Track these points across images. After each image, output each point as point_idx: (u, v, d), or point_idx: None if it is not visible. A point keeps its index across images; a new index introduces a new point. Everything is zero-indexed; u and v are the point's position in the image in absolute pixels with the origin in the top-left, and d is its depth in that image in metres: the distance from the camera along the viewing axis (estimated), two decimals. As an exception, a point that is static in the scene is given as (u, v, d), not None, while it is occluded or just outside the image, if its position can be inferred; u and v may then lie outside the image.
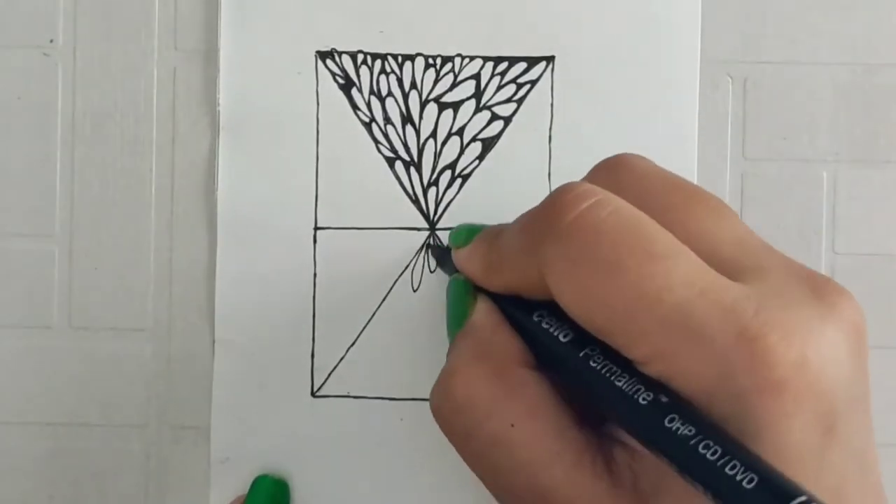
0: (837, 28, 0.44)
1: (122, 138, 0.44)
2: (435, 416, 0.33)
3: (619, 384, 0.27)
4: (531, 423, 0.29)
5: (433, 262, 0.43)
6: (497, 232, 0.34)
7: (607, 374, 0.28)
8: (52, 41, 0.44)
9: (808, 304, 0.26)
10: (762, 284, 0.27)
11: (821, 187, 0.44)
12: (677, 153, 0.43)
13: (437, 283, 0.44)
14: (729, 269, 0.27)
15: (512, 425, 0.29)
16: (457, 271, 0.37)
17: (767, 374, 0.25)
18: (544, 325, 0.30)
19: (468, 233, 0.36)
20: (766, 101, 0.44)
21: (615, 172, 0.32)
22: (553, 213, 0.29)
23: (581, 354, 0.29)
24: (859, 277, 0.44)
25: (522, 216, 0.32)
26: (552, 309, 0.30)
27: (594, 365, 0.28)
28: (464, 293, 0.34)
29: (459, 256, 0.35)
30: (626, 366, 0.27)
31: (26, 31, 0.44)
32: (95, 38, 0.44)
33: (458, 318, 0.34)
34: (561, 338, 0.30)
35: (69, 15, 0.44)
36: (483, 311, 0.33)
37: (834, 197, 0.44)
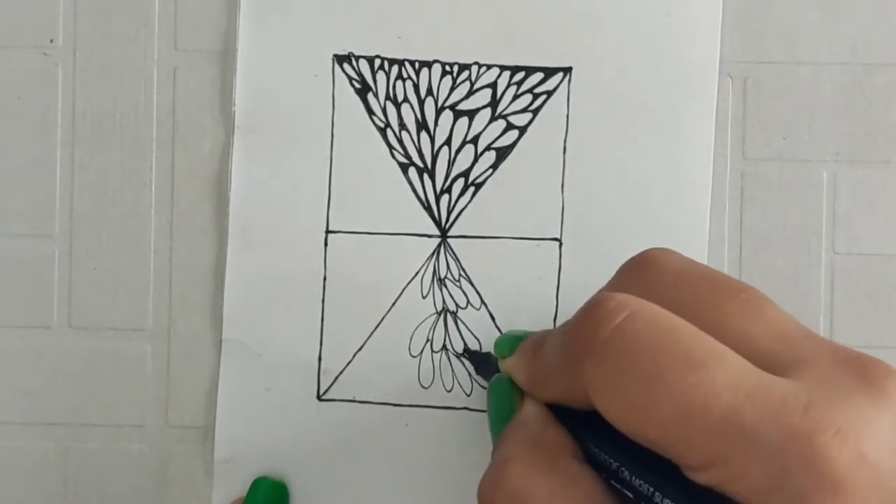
0: (837, 28, 0.44)
1: (122, 138, 0.44)
2: None
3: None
4: None
5: (470, 367, 0.43)
6: (539, 342, 0.33)
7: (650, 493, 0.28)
8: (52, 41, 0.44)
9: (857, 392, 0.26)
10: (808, 377, 0.26)
11: (821, 187, 0.44)
12: (692, 167, 0.43)
13: (444, 290, 0.44)
14: (772, 364, 0.27)
15: None
16: (495, 373, 0.37)
17: (826, 474, 0.24)
18: (593, 449, 0.30)
19: (512, 342, 0.35)
20: (766, 101, 0.44)
21: (645, 273, 0.32)
22: (589, 329, 0.28)
23: (628, 477, 0.29)
24: (859, 277, 0.44)
25: (561, 330, 0.31)
26: (593, 421, 0.30)
27: (642, 489, 0.28)
28: (510, 391, 0.34)
29: (506, 366, 0.35)
30: (676, 478, 0.27)
31: (26, 31, 0.44)
32: (95, 38, 0.44)
33: (503, 415, 0.34)
34: (609, 459, 0.29)
35: (69, 15, 0.44)
36: (532, 406, 0.32)
37: (834, 197, 0.44)
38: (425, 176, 0.44)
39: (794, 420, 0.24)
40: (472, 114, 0.44)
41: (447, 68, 0.44)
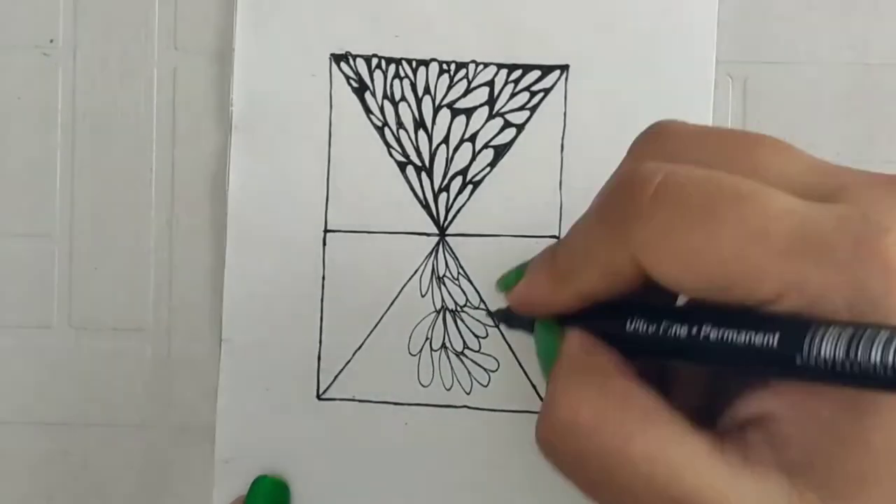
0: (837, 28, 0.44)
1: (122, 138, 0.44)
2: (543, 449, 0.30)
3: (754, 339, 0.26)
4: (650, 430, 0.28)
5: (503, 326, 0.42)
6: (553, 248, 0.33)
7: (731, 338, 0.27)
8: (52, 41, 0.44)
9: None
10: (854, 198, 0.26)
11: (821, 187, 0.44)
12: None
13: (443, 288, 0.44)
14: (815, 196, 0.26)
15: (628, 439, 0.28)
16: (530, 325, 0.35)
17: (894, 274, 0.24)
18: (640, 330, 0.29)
19: (516, 271, 0.34)
20: (766, 101, 0.44)
21: (661, 142, 0.31)
22: (629, 195, 0.28)
23: (695, 333, 0.28)
24: (859, 277, 0.44)
25: (588, 214, 0.31)
26: (639, 309, 0.29)
27: (713, 335, 0.27)
28: (549, 332, 0.33)
29: (520, 290, 0.34)
30: (743, 320, 0.27)
31: (26, 31, 0.44)
32: (95, 38, 0.44)
33: (549, 356, 0.32)
34: (669, 331, 0.29)
35: (69, 15, 0.44)
36: (574, 338, 0.31)
37: (834, 197, 0.44)
38: (423, 174, 0.44)
39: (856, 229, 0.24)
40: (469, 112, 0.44)
41: (444, 67, 0.44)
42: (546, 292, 0.32)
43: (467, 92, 0.44)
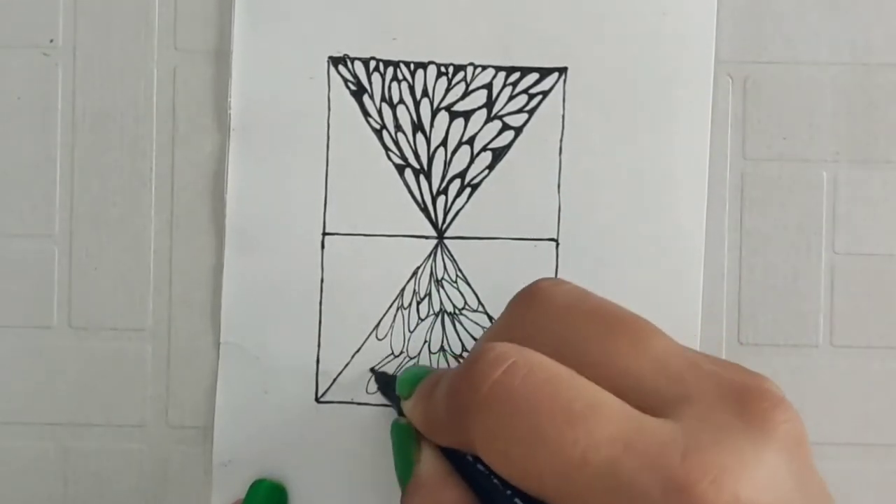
0: (837, 28, 0.44)
1: (122, 138, 0.44)
2: None
3: None
4: None
5: (374, 387, 0.43)
6: (433, 384, 0.33)
7: None
8: (52, 41, 0.44)
9: (738, 429, 0.25)
10: (689, 416, 0.26)
11: (821, 187, 0.44)
12: (689, 166, 0.43)
13: (442, 291, 0.44)
14: (655, 402, 0.27)
15: None
16: (397, 408, 0.37)
17: None
18: (492, 478, 0.29)
19: (412, 381, 0.35)
20: (766, 101, 0.44)
21: (532, 307, 0.31)
22: (470, 383, 0.28)
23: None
24: (859, 277, 0.44)
25: (448, 376, 0.31)
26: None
27: None
28: (407, 440, 0.34)
29: (405, 408, 0.35)
30: None
31: (26, 31, 0.44)
32: (95, 38, 0.44)
33: (404, 466, 0.34)
34: (505, 489, 0.29)
35: (69, 15, 0.44)
36: (429, 463, 0.32)
37: (834, 197, 0.44)
38: (421, 177, 0.44)
39: (672, 469, 0.24)
40: (467, 115, 0.44)
41: (442, 69, 0.44)
42: (421, 429, 0.33)
43: (465, 94, 0.44)
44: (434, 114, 0.44)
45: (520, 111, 0.44)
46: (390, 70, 0.44)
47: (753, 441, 0.25)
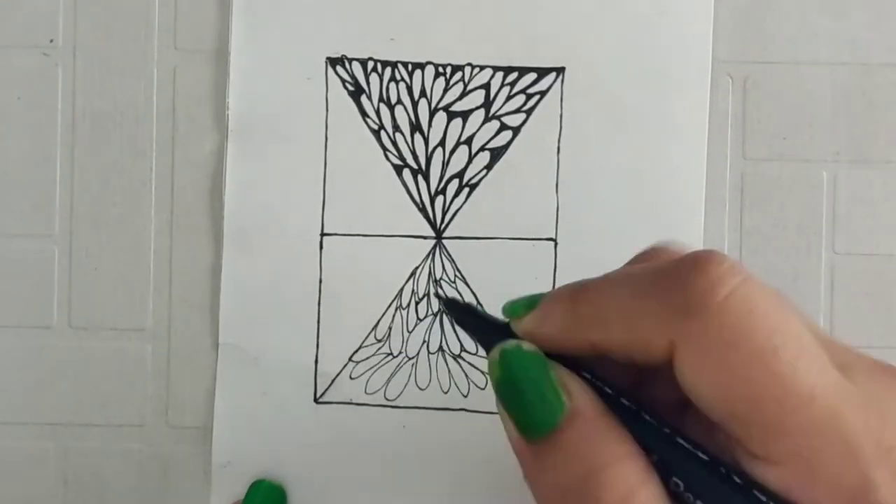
0: (837, 28, 0.44)
1: (122, 138, 0.44)
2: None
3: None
4: None
5: (448, 320, 0.43)
6: (573, 288, 0.29)
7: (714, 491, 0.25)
8: (52, 41, 0.44)
9: None
10: (869, 386, 0.25)
11: (821, 187, 0.44)
12: (687, 165, 0.43)
13: (440, 291, 0.44)
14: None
15: None
16: (486, 336, 0.31)
17: None
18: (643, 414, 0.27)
19: (529, 301, 0.30)
20: (766, 101, 0.44)
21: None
22: (700, 285, 0.26)
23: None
24: (859, 277, 0.44)
25: (643, 273, 0.28)
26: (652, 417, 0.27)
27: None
28: (543, 369, 0.28)
29: (532, 320, 0.30)
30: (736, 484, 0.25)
31: (26, 31, 0.44)
32: (95, 38, 0.44)
33: (544, 401, 0.28)
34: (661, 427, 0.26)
35: (69, 15, 0.44)
36: (586, 399, 0.27)
37: (834, 197, 0.44)
38: (420, 177, 0.44)
39: (879, 431, 0.24)
40: (465, 115, 0.44)
41: (440, 70, 0.44)
42: (559, 330, 0.29)
43: (463, 95, 0.44)
44: (432, 114, 0.44)
45: (518, 111, 0.44)
46: (388, 70, 0.44)
47: None
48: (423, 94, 0.44)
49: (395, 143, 0.44)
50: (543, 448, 0.27)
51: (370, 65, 0.44)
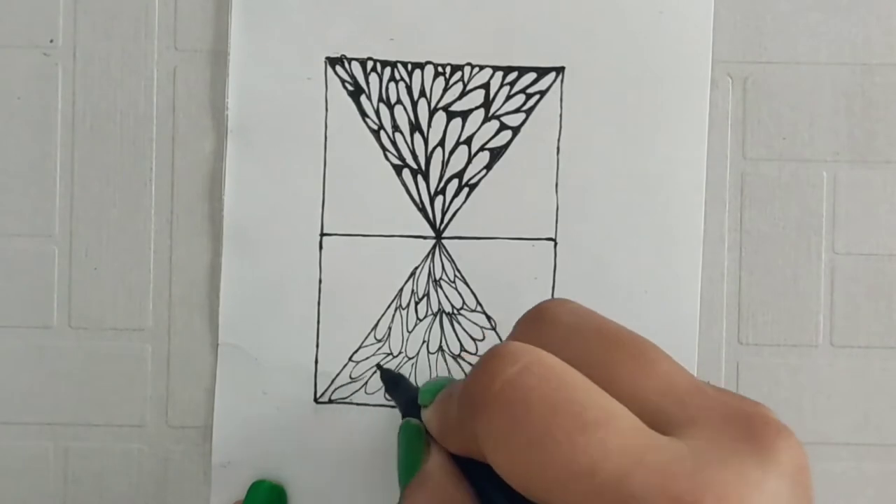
0: (837, 28, 0.44)
1: (122, 138, 0.44)
2: None
3: None
4: None
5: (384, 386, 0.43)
6: (450, 393, 0.32)
7: None
8: (52, 41, 0.44)
9: (744, 452, 0.25)
10: (697, 437, 0.26)
11: (821, 187, 0.44)
12: (687, 165, 0.43)
13: (440, 291, 0.44)
14: (661, 422, 0.26)
15: None
16: (403, 410, 0.36)
17: None
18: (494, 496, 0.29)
19: (434, 390, 0.34)
20: (766, 101, 0.44)
21: (538, 327, 0.31)
22: (482, 381, 0.27)
23: None
24: (859, 277, 0.44)
25: (462, 381, 0.30)
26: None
27: None
28: (417, 439, 0.33)
29: (424, 416, 0.34)
30: None
31: (26, 31, 0.44)
32: (95, 38, 0.44)
33: (410, 466, 0.33)
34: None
35: (69, 15, 0.44)
36: (437, 461, 0.32)
37: (834, 197, 0.44)
38: (419, 177, 0.44)
39: (680, 486, 0.24)
40: (465, 115, 0.44)
41: (440, 69, 0.44)
42: (437, 437, 0.32)
43: (463, 95, 0.44)
44: (431, 114, 0.44)
45: (517, 111, 0.44)
46: (388, 70, 0.44)
47: (759, 465, 0.25)
48: (422, 93, 0.44)
49: (394, 143, 0.44)
50: (404, 496, 0.32)
51: (370, 65, 0.44)
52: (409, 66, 0.44)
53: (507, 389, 0.27)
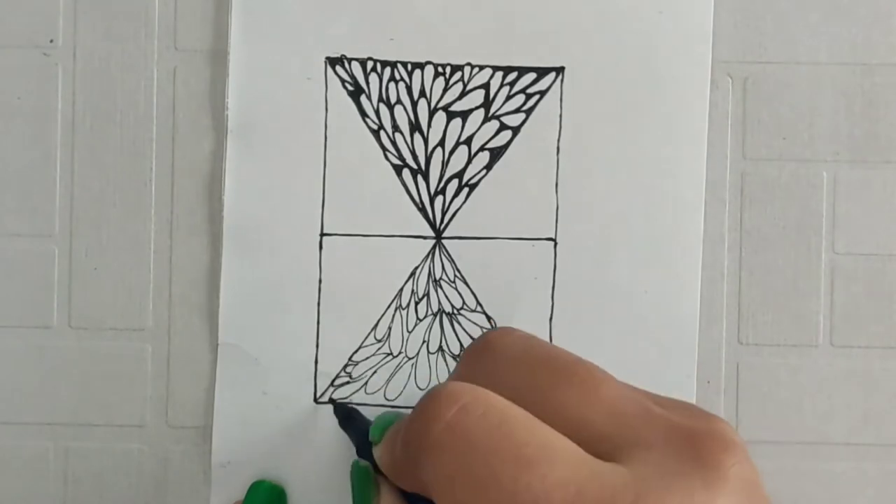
0: (837, 28, 0.44)
1: (122, 138, 0.44)
2: None
3: None
4: None
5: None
6: (398, 429, 0.32)
7: None
8: (52, 41, 0.44)
9: (691, 474, 0.25)
10: (641, 462, 0.26)
11: (821, 187, 0.44)
12: (686, 165, 0.43)
13: (440, 291, 0.44)
14: (607, 448, 0.26)
15: None
16: (362, 440, 0.37)
17: None
18: None
19: (384, 426, 0.35)
20: (766, 101, 0.44)
21: (484, 358, 0.31)
22: (422, 425, 0.28)
23: None
24: (859, 277, 0.44)
25: (403, 425, 0.31)
26: None
27: None
28: (366, 482, 0.34)
29: (375, 453, 0.34)
30: None
31: (26, 31, 0.44)
32: (95, 38, 0.44)
33: (362, 500, 0.34)
34: None
35: (69, 15, 0.44)
36: (388, 502, 0.33)
37: (834, 197, 0.44)
38: (419, 177, 0.44)
39: None
40: (465, 115, 0.44)
41: (440, 69, 0.44)
42: (388, 474, 0.33)
43: (463, 95, 0.44)
44: (431, 114, 0.44)
45: (517, 111, 0.44)
46: (388, 70, 0.44)
47: (705, 486, 0.25)
48: (422, 93, 0.44)
49: (394, 143, 0.44)
50: None
51: (370, 65, 0.44)
52: (409, 66, 0.44)
53: (446, 433, 0.27)
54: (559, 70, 0.44)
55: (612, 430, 0.27)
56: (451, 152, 0.44)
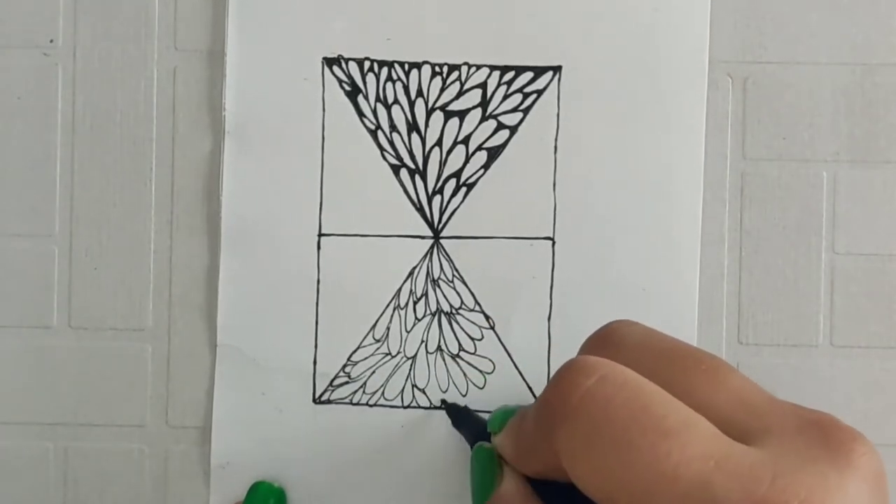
0: (837, 28, 0.44)
1: (122, 138, 0.44)
2: None
3: None
4: None
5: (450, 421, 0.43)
6: (523, 415, 0.33)
7: None
8: (52, 41, 0.44)
9: (822, 459, 0.26)
10: (774, 445, 0.26)
11: (821, 187, 0.44)
12: (684, 164, 0.43)
13: (438, 291, 0.44)
14: (738, 433, 0.27)
15: None
16: (472, 439, 0.37)
17: None
18: None
19: (503, 417, 0.35)
20: (766, 101, 0.44)
21: (608, 346, 0.31)
22: (560, 393, 0.28)
23: None
24: (859, 277, 0.44)
25: (537, 399, 0.31)
26: (578, 495, 0.29)
27: None
28: (490, 463, 0.34)
29: (496, 443, 0.34)
30: None
31: (26, 31, 0.44)
32: (95, 38, 0.44)
33: (484, 489, 0.33)
34: None
35: (69, 15, 0.44)
36: (513, 481, 0.32)
37: (834, 197, 0.44)
38: (417, 177, 0.44)
39: (762, 490, 0.24)
40: (462, 114, 0.44)
41: (437, 69, 0.44)
42: (512, 461, 0.33)
43: (460, 94, 0.44)
44: (429, 113, 0.44)
45: (514, 110, 0.44)
46: (385, 70, 0.44)
47: (838, 470, 0.25)
48: (419, 93, 0.44)
49: (392, 143, 0.44)
50: None
51: (367, 65, 0.44)
52: (406, 66, 0.44)
53: (587, 400, 0.27)
54: (556, 69, 0.44)
55: (740, 416, 0.27)
56: (449, 152, 0.44)
